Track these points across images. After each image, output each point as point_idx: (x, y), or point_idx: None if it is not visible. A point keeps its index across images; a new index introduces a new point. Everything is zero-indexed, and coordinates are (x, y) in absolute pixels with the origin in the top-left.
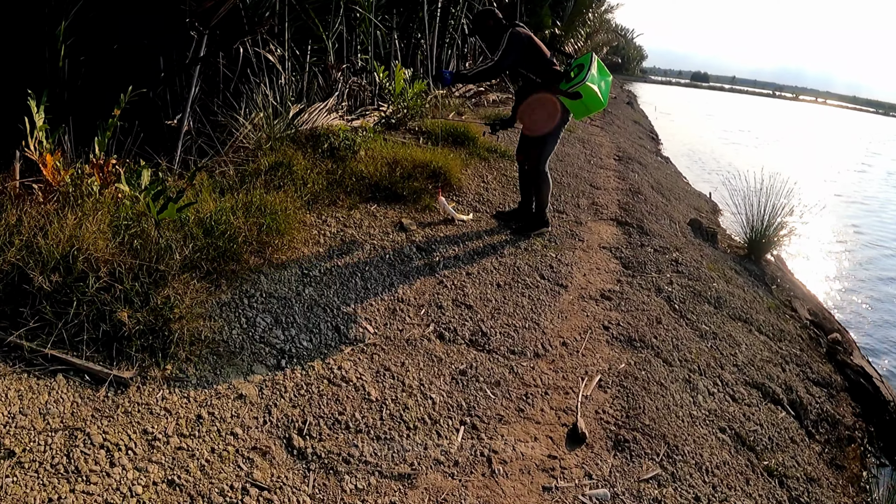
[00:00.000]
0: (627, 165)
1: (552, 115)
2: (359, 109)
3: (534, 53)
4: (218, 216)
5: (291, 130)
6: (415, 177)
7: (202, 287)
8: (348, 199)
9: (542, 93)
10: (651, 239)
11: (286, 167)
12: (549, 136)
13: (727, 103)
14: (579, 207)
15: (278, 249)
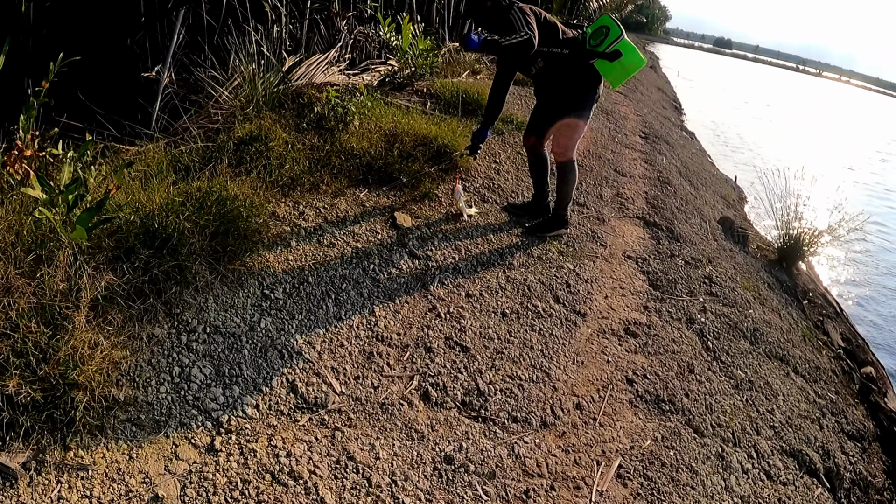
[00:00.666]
0: (654, 145)
1: (586, 87)
2: (363, 63)
3: (550, 27)
4: (162, 218)
5: (284, 86)
6: (415, 156)
7: (129, 322)
8: (334, 182)
9: (574, 63)
10: (682, 247)
11: (262, 142)
12: (580, 116)
13: (750, 73)
14: (602, 199)
15: (237, 258)
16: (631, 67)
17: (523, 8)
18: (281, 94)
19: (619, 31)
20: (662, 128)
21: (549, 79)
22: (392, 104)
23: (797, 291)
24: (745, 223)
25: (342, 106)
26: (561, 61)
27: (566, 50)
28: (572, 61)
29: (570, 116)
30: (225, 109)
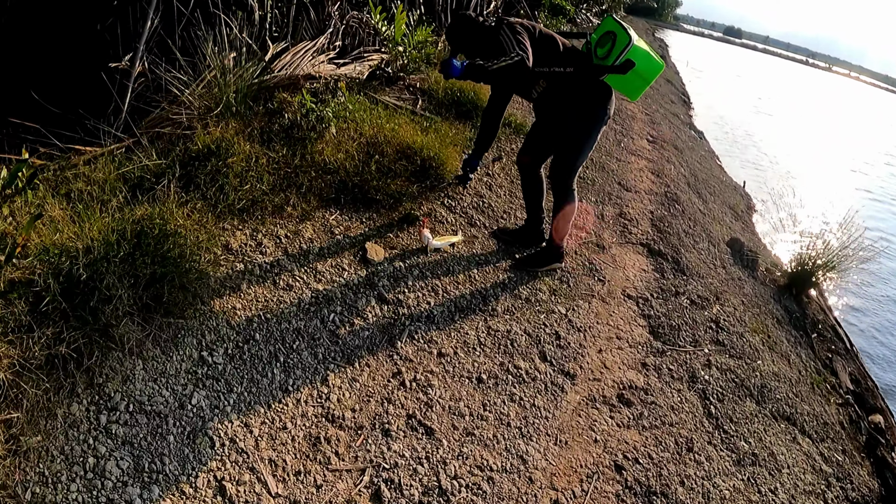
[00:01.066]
0: (662, 151)
1: (595, 106)
2: (356, 50)
3: (547, 42)
4: (89, 265)
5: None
6: (396, 171)
7: (44, 396)
8: (302, 203)
9: (581, 81)
10: (688, 281)
11: (220, 157)
12: (586, 138)
13: (760, 65)
14: (604, 220)
15: (175, 310)
16: (648, 75)
17: (513, 25)
18: (259, 89)
19: (626, 38)
20: (671, 129)
21: (553, 101)
22: (379, 102)
23: (806, 324)
24: (753, 240)
25: (317, 112)
26: (566, 81)
27: (570, 67)
28: (579, 79)
29: (576, 141)
30: (190, 111)
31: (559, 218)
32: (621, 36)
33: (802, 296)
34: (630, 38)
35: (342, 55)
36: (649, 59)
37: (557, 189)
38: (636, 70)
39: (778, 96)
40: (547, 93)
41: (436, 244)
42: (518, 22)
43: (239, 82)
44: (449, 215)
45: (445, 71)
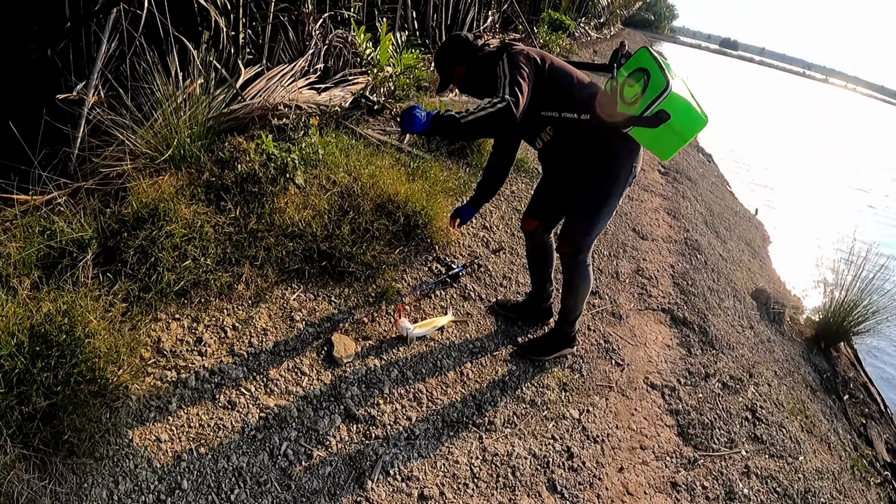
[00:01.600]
0: (676, 185)
1: (618, 163)
2: (340, 73)
3: (558, 79)
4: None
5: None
6: (374, 233)
7: None
8: (256, 279)
9: (599, 133)
10: (717, 356)
11: (156, 224)
12: (604, 200)
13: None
14: (619, 280)
15: (80, 448)
16: (687, 131)
17: (516, 55)
18: (225, 122)
19: (662, 83)
20: (681, 154)
21: (563, 154)
22: (361, 136)
23: (838, 384)
24: (773, 280)
25: (280, 159)
26: (579, 130)
27: (585, 114)
28: (596, 130)
29: (591, 204)
30: (135, 156)
31: (569, 298)
32: (656, 78)
33: (831, 349)
34: (667, 82)
35: (324, 78)
36: (689, 112)
37: (568, 262)
38: (671, 124)
39: (777, 110)
40: (555, 143)
41: (418, 332)
42: (524, 51)
43: (195, 119)
44: (436, 289)
45: (404, 123)
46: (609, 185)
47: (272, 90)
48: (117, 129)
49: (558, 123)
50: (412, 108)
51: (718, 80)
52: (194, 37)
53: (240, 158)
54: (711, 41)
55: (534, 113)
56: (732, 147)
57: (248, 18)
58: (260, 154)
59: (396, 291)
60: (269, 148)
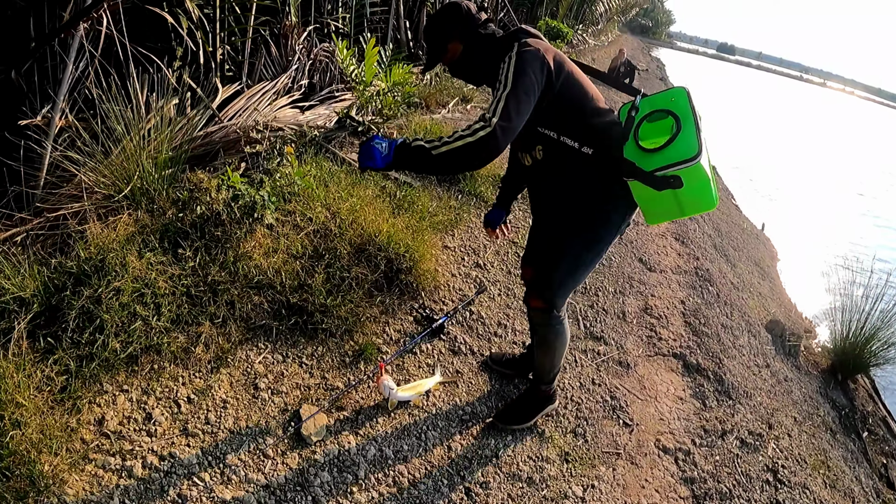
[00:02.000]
0: None
1: (610, 207)
2: (326, 90)
3: (574, 94)
4: None
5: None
6: (352, 281)
7: None
8: (217, 339)
9: (592, 176)
10: (734, 407)
11: (104, 277)
12: (587, 246)
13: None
14: (626, 320)
15: None
16: (690, 208)
17: (529, 56)
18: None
19: (695, 148)
20: None
21: (550, 184)
22: (344, 162)
23: (856, 420)
24: (786, 310)
25: (247, 197)
26: (575, 162)
27: (589, 147)
28: (595, 168)
29: (573, 258)
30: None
31: (544, 357)
32: (688, 137)
33: (848, 381)
34: (699, 150)
35: (309, 95)
36: (705, 191)
37: (539, 318)
38: (678, 194)
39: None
40: (543, 167)
41: (401, 396)
42: (539, 51)
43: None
44: (422, 342)
45: (362, 158)
46: (597, 236)
47: (252, 110)
48: (72, 163)
49: (553, 147)
50: (371, 138)
51: (717, 86)
52: (168, 54)
53: (200, 198)
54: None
55: (528, 124)
56: (734, 156)
57: (227, 33)
58: (226, 190)
59: (377, 349)
60: (236, 184)
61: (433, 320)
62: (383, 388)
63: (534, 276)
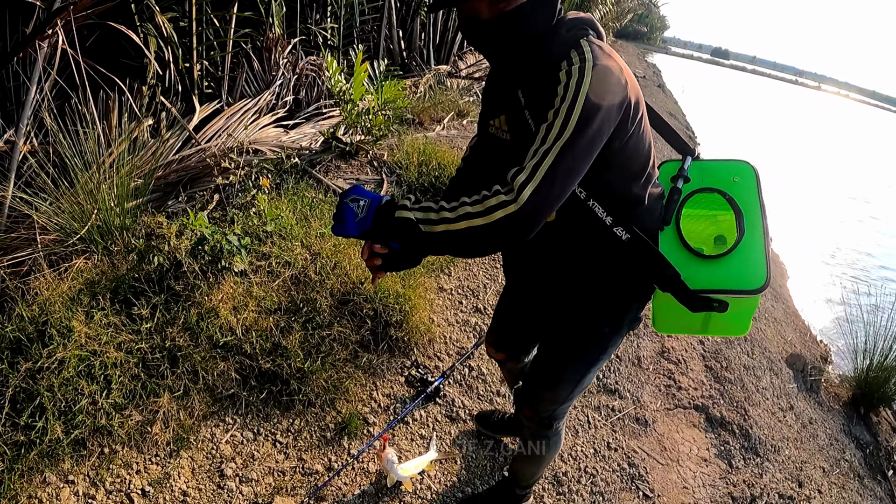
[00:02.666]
0: None
1: (627, 298)
2: (313, 105)
3: (638, 147)
4: None
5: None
6: (333, 339)
7: None
8: (179, 414)
9: (615, 272)
10: (763, 466)
11: (48, 345)
12: (598, 360)
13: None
14: (641, 367)
15: None
16: (717, 328)
17: (607, 71)
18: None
19: (763, 273)
20: None
21: (556, 259)
22: (329, 190)
23: (881, 458)
24: (801, 335)
25: (213, 243)
26: (596, 241)
27: (623, 229)
28: (620, 258)
29: (582, 364)
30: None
31: (528, 465)
32: (753, 250)
33: (871, 415)
34: (767, 274)
35: (295, 112)
36: (746, 317)
37: (535, 431)
38: (712, 316)
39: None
40: (550, 232)
41: (400, 474)
42: (618, 63)
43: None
44: (415, 409)
45: (334, 220)
46: (609, 339)
47: (232, 128)
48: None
49: (575, 211)
50: (348, 192)
51: (713, 91)
52: (139, 72)
53: (158, 246)
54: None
55: None
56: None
57: (205, 47)
58: (191, 235)
59: (363, 419)
60: (201, 228)
61: (427, 383)
62: (386, 463)
63: (525, 391)
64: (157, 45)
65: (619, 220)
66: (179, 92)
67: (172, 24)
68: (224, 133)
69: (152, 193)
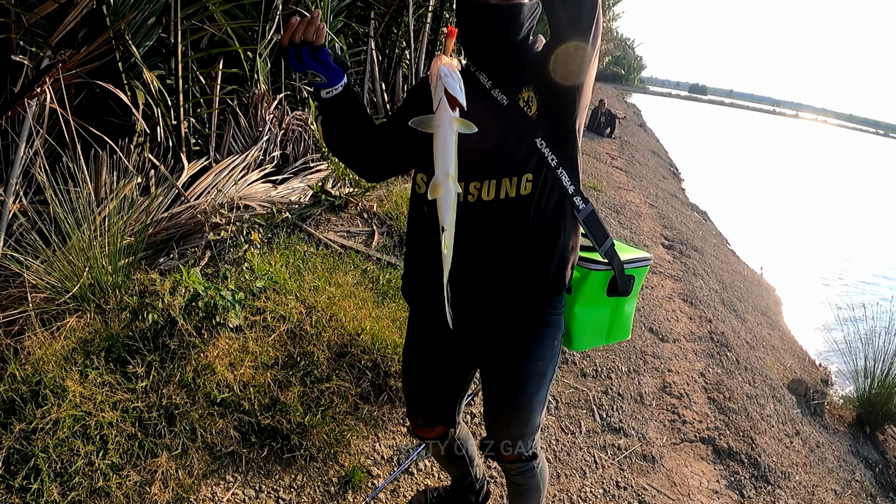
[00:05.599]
0: (684, 260)
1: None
2: (301, 160)
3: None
4: None
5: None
6: (332, 392)
7: None
8: (177, 473)
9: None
10: (774, 494)
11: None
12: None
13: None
14: (644, 404)
15: None
16: (617, 329)
17: None
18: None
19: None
20: (679, 219)
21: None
22: (321, 244)
23: (890, 475)
24: (800, 360)
25: (207, 299)
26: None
27: (574, 187)
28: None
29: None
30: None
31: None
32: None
33: (877, 433)
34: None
35: (282, 168)
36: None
37: (523, 469)
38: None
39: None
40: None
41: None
42: None
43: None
44: (419, 459)
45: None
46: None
47: (221, 184)
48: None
49: (550, 180)
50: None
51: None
52: (128, 130)
53: (152, 303)
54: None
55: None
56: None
57: (192, 105)
58: (184, 292)
59: (366, 472)
60: (195, 284)
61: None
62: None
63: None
64: (146, 102)
65: (577, 189)
66: (168, 149)
67: (160, 82)
68: (213, 189)
69: (144, 251)
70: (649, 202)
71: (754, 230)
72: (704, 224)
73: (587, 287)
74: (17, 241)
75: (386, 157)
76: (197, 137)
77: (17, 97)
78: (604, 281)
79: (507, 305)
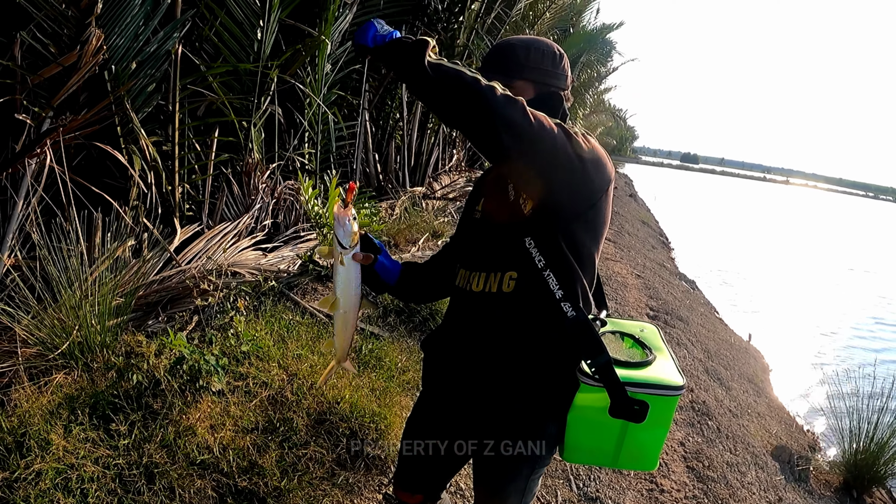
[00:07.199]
0: (669, 330)
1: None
2: (291, 229)
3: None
4: None
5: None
6: (310, 458)
7: None
8: None
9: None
10: None
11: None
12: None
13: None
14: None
15: None
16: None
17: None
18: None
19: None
20: (666, 289)
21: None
22: (306, 312)
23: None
24: (787, 427)
25: (191, 362)
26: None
27: (571, 306)
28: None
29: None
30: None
31: None
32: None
33: (864, 496)
34: (684, 381)
35: (273, 236)
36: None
37: None
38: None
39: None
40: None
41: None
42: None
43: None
44: None
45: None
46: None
47: (212, 251)
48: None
49: (532, 282)
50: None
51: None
52: (123, 193)
53: (137, 364)
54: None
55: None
56: (710, 267)
57: (187, 171)
58: (170, 354)
59: None
60: (180, 347)
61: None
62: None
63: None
64: (141, 166)
65: (567, 295)
66: (161, 213)
67: (156, 148)
68: (204, 255)
69: (133, 312)
70: (636, 273)
71: (743, 296)
72: (692, 293)
73: (581, 399)
74: (9, 295)
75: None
76: (190, 203)
77: (19, 156)
78: (603, 398)
79: (495, 395)
